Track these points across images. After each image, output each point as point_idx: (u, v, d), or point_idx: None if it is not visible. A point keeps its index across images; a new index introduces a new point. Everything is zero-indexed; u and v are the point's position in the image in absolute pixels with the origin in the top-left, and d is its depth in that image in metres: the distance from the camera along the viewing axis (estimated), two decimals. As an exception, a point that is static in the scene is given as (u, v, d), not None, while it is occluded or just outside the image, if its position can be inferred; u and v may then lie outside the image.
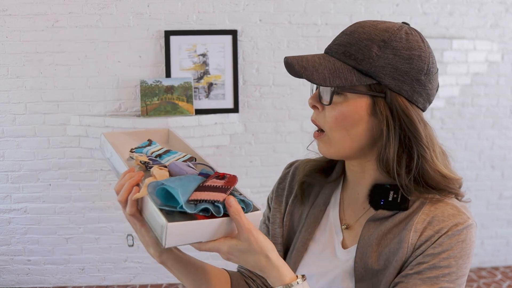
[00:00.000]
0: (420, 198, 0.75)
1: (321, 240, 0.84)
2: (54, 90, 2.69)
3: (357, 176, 0.82)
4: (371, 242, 0.75)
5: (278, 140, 2.87)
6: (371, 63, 0.71)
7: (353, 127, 0.74)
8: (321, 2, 2.76)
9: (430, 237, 0.71)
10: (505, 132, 3.06)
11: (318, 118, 0.77)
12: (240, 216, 0.63)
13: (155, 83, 2.65)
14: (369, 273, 0.74)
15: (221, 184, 0.67)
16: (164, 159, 0.81)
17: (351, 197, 0.85)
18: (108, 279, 2.94)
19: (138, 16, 2.66)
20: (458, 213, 0.73)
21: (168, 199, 0.64)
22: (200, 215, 0.63)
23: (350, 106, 0.73)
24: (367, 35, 0.72)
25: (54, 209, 2.83)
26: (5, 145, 2.74)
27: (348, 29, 0.75)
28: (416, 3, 2.83)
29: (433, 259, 0.70)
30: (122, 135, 0.91)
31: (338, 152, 0.77)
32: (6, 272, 2.90)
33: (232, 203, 0.63)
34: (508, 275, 3.10)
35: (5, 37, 2.62)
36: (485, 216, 3.14)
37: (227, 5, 2.70)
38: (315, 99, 0.77)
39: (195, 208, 0.62)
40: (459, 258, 0.71)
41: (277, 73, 2.80)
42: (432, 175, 0.74)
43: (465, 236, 0.71)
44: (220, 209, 0.64)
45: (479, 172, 3.08)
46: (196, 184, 0.66)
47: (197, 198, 0.63)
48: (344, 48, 0.73)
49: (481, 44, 2.84)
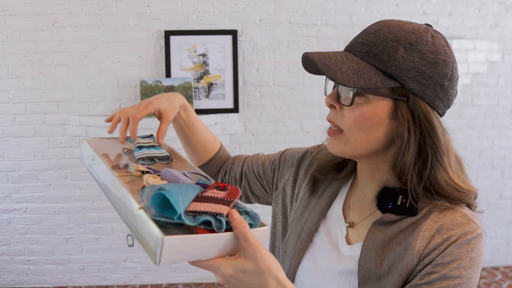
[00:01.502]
0: (428, 205, 0.73)
1: (325, 233, 0.84)
2: (54, 90, 2.69)
3: (366, 176, 0.81)
4: (375, 246, 0.74)
5: (278, 140, 2.87)
6: (397, 65, 0.69)
7: (371, 130, 0.72)
8: (321, 2, 2.76)
9: (438, 245, 0.69)
10: (505, 132, 3.07)
11: (336, 117, 0.75)
12: (245, 230, 0.56)
13: (155, 83, 2.65)
14: (372, 277, 0.73)
15: (223, 195, 0.60)
16: (141, 151, 0.77)
17: (359, 197, 0.84)
18: (108, 279, 2.94)
19: (138, 16, 2.66)
20: (467, 222, 0.71)
21: (163, 208, 0.55)
22: (201, 228, 0.56)
23: (371, 108, 0.71)
24: (393, 35, 0.70)
25: (54, 209, 2.83)
26: (5, 145, 2.74)
27: (372, 28, 0.73)
28: (416, 3, 2.83)
29: (443, 269, 0.68)
30: (105, 141, 0.83)
31: (352, 153, 0.76)
32: (6, 272, 2.90)
33: (236, 215, 0.57)
34: (508, 275, 3.10)
35: (5, 37, 2.62)
36: (485, 216, 3.13)
37: (227, 5, 2.70)
38: (333, 98, 0.74)
39: (195, 220, 0.54)
40: (469, 268, 0.68)
41: (277, 73, 2.80)
42: (443, 185, 0.72)
43: (474, 245, 0.69)
44: (222, 224, 0.56)
45: (479, 172, 3.08)
46: (194, 193, 0.58)
47: (196, 210, 0.55)
48: (368, 48, 0.71)
49: (481, 44, 2.84)
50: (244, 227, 0.57)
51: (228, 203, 0.58)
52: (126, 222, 0.61)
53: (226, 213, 0.57)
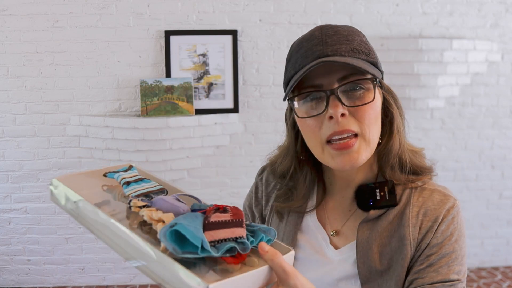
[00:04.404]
0: (405, 189, 0.77)
1: (306, 245, 0.82)
2: (54, 90, 2.69)
3: (344, 180, 0.81)
4: (369, 245, 0.74)
5: (278, 140, 2.85)
6: (375, 54, 0.74)
7: (378, 120, 0.75)
8: (321, 2, 2.76)
9: (429, 228, 0.73)
10: (505, 132, 3.06)
11: (349, 123, 0.70)
12: (281, 261, 0.55)
13: (155, 83, 2.65)
14: (374, 275, 0.74)
15: (229, 218, 0.58)
16: (130, 187, 0.70)
17: (336, 202, 0.83)
18: (108, 279, 2.94)
19: (138, 16, 2.66)
20: (445, 198, 0.76)
21: (181, 245, 0.53)
22: (226, 256, 0.54)
23: (377, 98, 0.73)
24: (350, 31, 0.74)
25: (54, 209, 2.83)
26: (5, 145, 2.74)
27: (328, 33, 0.72)
28: (416, 3, 2.82)
29: (440, 249, 0.72)
30: (79, 177, 0.75)
31: (371, 153, 0.74)
32: (6, 272, 2.90)
33: (266, 248, 0.56)
34: (508, 275, 3.09)
35: (5, 37, 2.62)
36: (485, 216, 3.13)
37: (227, 5, 2.70)
38: (340, 106, 0.69)
39: (218, 250, 0.53)
40: (458, 240, 0.74)
41: (277, 73, 2.80)
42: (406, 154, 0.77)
43: (457, 217, 0.75)
44: (247, 245, 0.55)
45: (479, 172, 3.08)
46: (200, 222, 0.56)
47: (215, 239, 0.54)
48: (348, 46, 0.71)
49: (481, 44, 2.84)
50: (278, 258, 0.55)
51: (241, 224, 0.57)
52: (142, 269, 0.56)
53: (245, 235, 0.56)
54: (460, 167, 3.02)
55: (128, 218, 0.65)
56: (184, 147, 2.68)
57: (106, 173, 0.74)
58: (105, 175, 0.74)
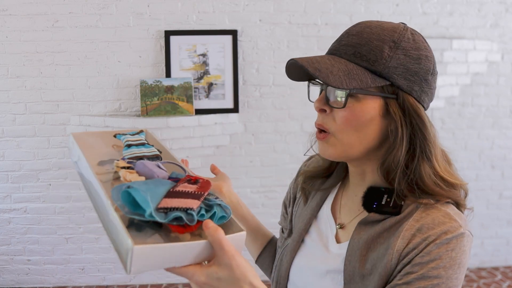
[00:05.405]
0: (415, 203, 0.74)
1: (316, 233, 0.85)
2: (54, 90, 2.69)
3: (357, 178, 0.82)
4: (360, 246, 0.74)
5: (278, 140, 2.87)
6: (384, 64, 0.70)
7: (363, 129, 0.73)
8: (321, 2, 2.76)
9: (417, 244, 0.69)
10: (505, 132, 3.06)
11: (326, 121, 0.75)
12: (220, 238, 0.54)
13: (155, 83, 2.65)
14: (356, 277, 0.73)
15: (194, 189, 0.59)
16: (129, 150, 0.74)
17: (350, 198, 0.85)
18: (108, 279, 2.94)
19: (138, 16, 2.66)
20: (449, 221, 0.70)
21: (136, 206, 0.55)
22: (173, 224, 0.55)
23: (362, 107, 0.72)
24: (376, 35, 0.71)
25: (54, 209, 2.83)
26: (5, 145, 2.74)
27: (353, 29, 0.74)
28: (416, 3, 2.82)
29: (422, 269, 0.67)
30: (93, 136, 0.81)
31: (345, 154, 0.76)
32: (6, 272, 2.89)
33: (210, 224, 0.55)
34: (508, 275, 3.10)
35: (5, 37, 2.62)
36: (485, 216, 3.14)
37: (227, 5, 2.70)
38: (322, 102, 0.75)
39: (166, 217, 0.54)
40: (448, 268, 0.67)
41: (277, 73, 2.80)
42: (426, 180, 0.72)
43: (455, 245, 0.68)
44: (194, 217, 0.56)
45: (479, 172, 3.08)
46: (165, 189, 0.58)
47: (167, 206, 0.55)
48: (354, 49, 0.71)
49: (481, 44, 2.84)
50: (219, 234, 0.54)
51: (199, 197, 0.58)
52: (104, 227, 0.58)
53: (196, 207, 0.56)
54: (460, 167, 3.00)
55: (114, 179, 0.68)
56: (184, 147, 2.68)
57: (116, 134, 0.78)
58: (115, 136, 0.78)
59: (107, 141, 0.80)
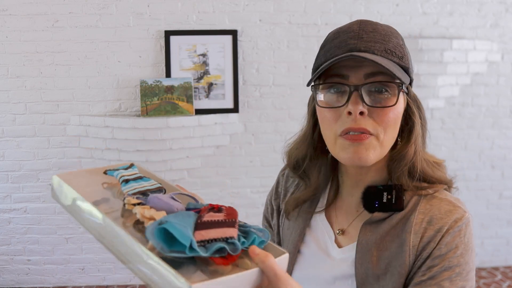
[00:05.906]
0: (414, 196, 0.75)
1: (312, 241, 0.83)
2: (54, 90, 2.69)
3: (354, 179, 0.81)
4: (369, 247, 0.74)
5: (278, 140, 2.87)
6: (409, 60, 0.72)
7: (397, 127, 0.73)
8: (321, 2, 2.76)
9: (432, 237, 0.70)
10: (505, 132, 3.06)
11: (366, 123, 0.69)
12: (272, 264, 0.53)
13: (155, 83, 2.65)
14: (370, 278, 0.73)
15: (222, 218, 0.56)
16: (128, 185, 0.69)
17: (345, 201, 0.83)
18: (108, 279, 2.94)
19: (138, 16, 2.66)
20: (454, 208, 0.72)
21: (170, 243, 0.51)
22: (215, 257, 0.52)
23: (399, 104, 0.71)
24: (389, 31, 0.72)
25: (54, 209, 2.83)
26: (5, 145, 2.74)
27: (367, 28, 0.72)
28: (416, 3, 2.82)
29: (443, 261, 0.69)
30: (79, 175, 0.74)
31: (380, 157, 0.73)
32: (6, 272, 2.89)
33: (257, 250, 0.54)
34: (508, 275, 3.09)
35: (5, 37, 2.62)
36: (485, 216, 3.13)
37: (227, 5, 2.70)
38: (361, 104, 0.69)
39: (207, 250, 0.51)
40: (465, 254, 0.71)
41: (277, 73, 2.80)
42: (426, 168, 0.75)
43: (465, 231, 0.71)
44: (237, 246, 0.53)
45: (479, 172, 3.08)
46: (192, 221, 0.54)
47: (205, 238, 0.52)
48: (384, 46, 0.70)
49: (481, 44, 2.84)
50: (269, 260, 0.52)
51: (233, 224, 0.55)
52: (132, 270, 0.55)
53: (236, 235, 0.54)
54: (460, 167, 3.02)
55: (123, 216, 0.64)
56: (184, 147, 2.68)
57: (107, 170, 0.73)
58: (105, 173, 0.73)
59: (95, 179, 0.75)
